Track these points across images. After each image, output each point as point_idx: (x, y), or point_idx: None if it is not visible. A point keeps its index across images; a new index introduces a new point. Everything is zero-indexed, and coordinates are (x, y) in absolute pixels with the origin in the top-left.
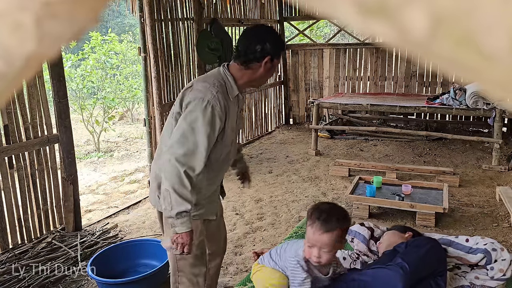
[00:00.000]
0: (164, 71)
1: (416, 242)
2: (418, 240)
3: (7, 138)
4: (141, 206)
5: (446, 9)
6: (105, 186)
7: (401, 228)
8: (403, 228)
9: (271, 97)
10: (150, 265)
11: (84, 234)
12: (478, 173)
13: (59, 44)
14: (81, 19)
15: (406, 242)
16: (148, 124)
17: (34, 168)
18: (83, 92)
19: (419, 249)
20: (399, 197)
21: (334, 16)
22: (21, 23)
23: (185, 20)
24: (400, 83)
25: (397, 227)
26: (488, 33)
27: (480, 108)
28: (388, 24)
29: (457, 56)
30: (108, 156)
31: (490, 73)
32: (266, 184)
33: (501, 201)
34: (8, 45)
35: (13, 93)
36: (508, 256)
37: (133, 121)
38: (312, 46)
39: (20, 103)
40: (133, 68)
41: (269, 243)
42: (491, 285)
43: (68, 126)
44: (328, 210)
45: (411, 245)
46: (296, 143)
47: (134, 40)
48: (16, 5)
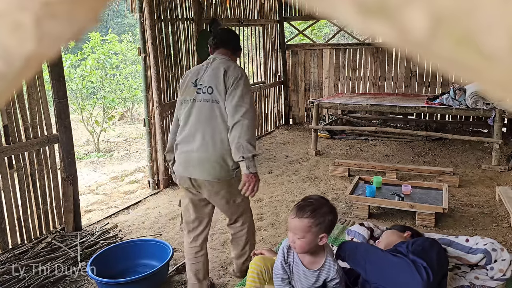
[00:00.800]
0: (164, 71)
1: (424, 244)
2: (425, 241)
3: (7, 138)
4: (141, 206)
5: (446, 9)
6: (104, 186)
7: (400, 228)
8: (402, 228)
9: (271, 97)
10: (150, 265)
11: (84, 234)
12: (478, 173)
13: (59, 44)
14: (81, 19)
15: (407, 242)
16: (148, 124)
17: (34, 168)
18: (82, 92)
19: (431, 252)
20: (398, 197)
21: (334, 16)
22: (20, 23)
23: (185, 20)
24: (400, 83)
25: (396, 226)
26: (488, 32)
27: (479, 108)
28: (388, 24)
29: (457, 56)
30: (107, 156)
31: (490, 73)
32: (265, 184)
33: (500, 201)
34: (8, 45)
35: (13, 93)
36: (508, 256)
37: (133, 121)
38: (312, 46)
39: (20, 103)
40: (133, 68)
41: (269, 243)
42: (491, 285)
43: (68, 126)
44: (309, 200)
45: (420, 249)
46: (296, 143)
47: (134, 40)
48: (16, 5)
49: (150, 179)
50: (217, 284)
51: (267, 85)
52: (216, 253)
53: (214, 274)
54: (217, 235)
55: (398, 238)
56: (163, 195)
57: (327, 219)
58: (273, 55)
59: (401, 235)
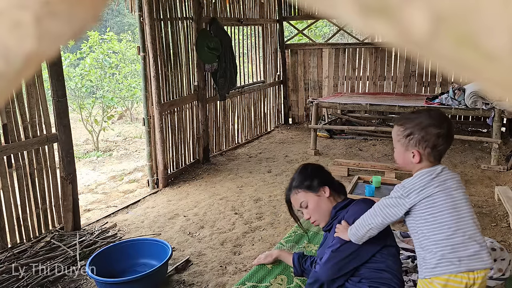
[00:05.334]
0: (163, 71)
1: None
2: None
3: (6, 137)
4: (140, 205)
5: (447, 9)
6: (104, 186)
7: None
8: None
9: (270, 97)
10: (149, 264)
11: (83, 234)
12: (477, 173)
13: (58, 43)
14: (81, 18)
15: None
16: (147, 123)
17: (33, 167)
18: (81, 91)
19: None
20: None
21: (334, 15)
22: (20, 21)
23: (185, 19)
24: (399, 83)
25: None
26: (489, 32)
27: (479, 108)
28: (389, 23)
29: (458, 55)
30: (107, 155)
31: (490, 72)
32: (265, 184)
33: (499, 201)
34: (8, 44)
35: (12, 92)
36: (507, 256)
37: (132, 120)
38: (311, 46)
39: (19, 102)
40: (132, 67)
41: (268, 242)
42: (490, 284)
43: (67, 125)
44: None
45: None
46: (295, 142)
47: (133, 39)
48: (16, 4)
49: (149, 178)
50: (216, 283)
51: (267, 84)
52: (216, 253)
53: (213, 274)
54: (216, 234)
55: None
56: (162, 194)
57: (419, 133)
58: (272, 55)
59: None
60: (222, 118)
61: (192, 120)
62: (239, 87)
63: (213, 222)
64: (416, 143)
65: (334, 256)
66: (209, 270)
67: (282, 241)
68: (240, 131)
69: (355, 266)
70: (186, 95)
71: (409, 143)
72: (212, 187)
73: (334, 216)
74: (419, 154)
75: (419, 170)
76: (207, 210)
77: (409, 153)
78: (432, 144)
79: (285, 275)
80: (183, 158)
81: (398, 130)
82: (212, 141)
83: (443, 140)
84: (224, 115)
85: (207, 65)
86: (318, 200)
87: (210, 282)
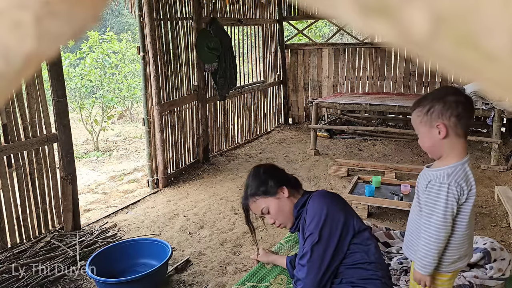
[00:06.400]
0: (163, 71)
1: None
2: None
3: (6, 137)
4: (140, 205)
5: (447, 9)
6: (104, 186)
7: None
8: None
9: (270, 97)
10: (149, 264)
11: (83, 234)
12: (477, 173)
13: (58, 43)
14: (81, 18)
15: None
16: (147, 123)
17: (33, 167)
18: (81, 91)
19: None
20: (398, 196)
21: (334, 15)
22: (20, 21)
23: (184, 19)
24: (399, 83)
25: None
26: (489, 33)
27: (479, 108)
28: (389, 23)
29: (458, 55)
30: (107, 155)
31: (490, 72)
32: None
33: (499, 201)
34: (8, 44)
35: (12, 92)
36: (507, 256)
37: (132, 120)
38: (311, 46)
39: (19, 102)
40: (132, 67)
41: (268, 242)
42: (490, 284)
43: (67, 125)
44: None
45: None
46: (295, 142)
47: (133, 39)
48: (16, 4)
49: (149, 178)
50: (216, 283)
51: (266, 84)
52: (216, 253)
53: (213, 274)
54: (216, 234)
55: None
56: (162, 194)
57: (438, 104)
58: (272, 55)
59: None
60: (222, 118)
61: (192, 120)
62: (239, 87)
63: (213, 222)
64: (439, 114)
65: (311, 266)
66: (209, 270)
67: (282, 241)
68: (240, 131)
69: (336, 265)
70: (186, 95)
71: (432, 117)
72: (212, 187)
73: (297, 216)
74: (445, 126)
75: (451, 163)
76: (207, 210)
77: (434, 130)
78: (456, 112)
79: (285, 275)
80: (183, 158)
81: (417, 112)
82: (212, 141)
83: (463, 108)
84: (224, 115)
85: (207, 65)
86: (279, 202)
87: (210, 282)
